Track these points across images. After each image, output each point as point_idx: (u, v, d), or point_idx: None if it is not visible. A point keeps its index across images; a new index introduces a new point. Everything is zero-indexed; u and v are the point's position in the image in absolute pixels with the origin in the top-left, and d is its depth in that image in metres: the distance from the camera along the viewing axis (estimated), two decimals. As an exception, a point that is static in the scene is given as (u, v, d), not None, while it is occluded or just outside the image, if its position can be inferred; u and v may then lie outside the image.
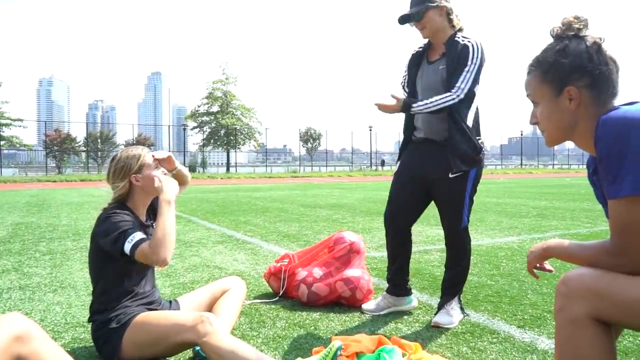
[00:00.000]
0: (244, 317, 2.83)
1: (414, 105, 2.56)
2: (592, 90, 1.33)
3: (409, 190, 2.79)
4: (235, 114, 43.87)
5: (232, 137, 43.49)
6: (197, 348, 2.20)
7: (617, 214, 1.23)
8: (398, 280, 2.91)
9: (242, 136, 44.52)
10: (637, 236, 1.21)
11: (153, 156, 2.31)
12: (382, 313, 2.86)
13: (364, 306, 2.93)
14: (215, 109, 43.94)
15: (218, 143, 44.33)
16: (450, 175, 2.61)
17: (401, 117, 2.84)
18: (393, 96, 2.58)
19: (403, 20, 2.69)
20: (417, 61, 2.82)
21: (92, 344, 2.26)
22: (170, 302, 2.43)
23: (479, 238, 5.69)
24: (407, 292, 2.92)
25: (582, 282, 1.26)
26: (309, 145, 49.32)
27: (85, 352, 2.35)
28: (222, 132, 43.45)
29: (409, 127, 2.84)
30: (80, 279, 3.79)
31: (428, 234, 5.99)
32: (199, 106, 44.59)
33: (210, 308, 2.43)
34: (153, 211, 2.43)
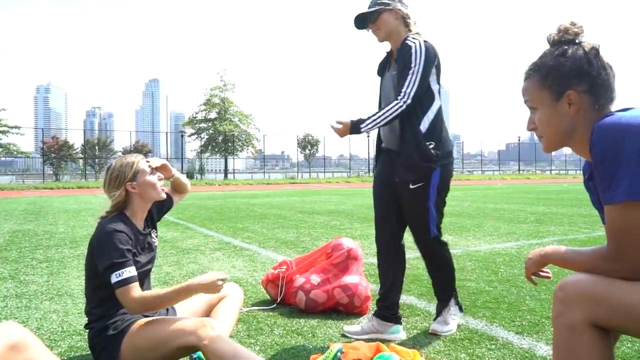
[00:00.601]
0: (241, 324, 2.82)
1: (362, 125, 2.43)
2: (591, 95, 1.33)
3: (386, 199, 2.68)
4: (233, 121, 43.89)
5: (230, 144, 43.48)
6: (195, 356, 2.19)
7: (613, 219, 1.23)
8: (386, 301, 2.65)
9: (240, 143, 44.51)
10: (633, 241, 1.21)
11: (148, 162, 2.30)
12: (363, 337, 2.58)
13: (346, 328, 2.70)
14: (213, 115, 43.95)
15: (216, 150, 44.33)
16: (411, 186, 2.50)
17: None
18: (338, 121, 2.47)
19: (359, 23, 2.60)
20: (382, 69, 2.75)
21: (89, 352, 2.24)
22: (167, 309, 2.42)
23: (477, 244, 5.68)
24: (395, 320, 2.64)
25: (579, 288, 1.26)
26: (307, 151, 49.34)
27: (82, 360, 2.33)
28: (220, 138, 43.45)
29: (378, 136, 2.76)
30: (77, 287, 3.77)
31: (426, 240, 5.98)
32: (196, 113, 44.60)
33: (207, 315, 2.42)
34: (151, 219, 2.42)
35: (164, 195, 2.35)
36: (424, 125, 2.48)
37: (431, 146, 2.48)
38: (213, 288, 2.07)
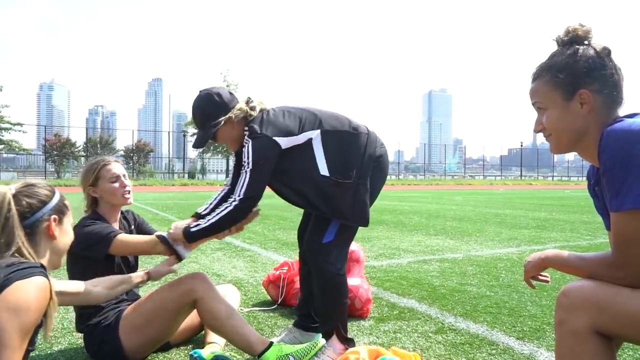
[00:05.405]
0: (242, 325, 2.81)
1: (193, 228, 2.16)
2: (602, 95, 1.31)
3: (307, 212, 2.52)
4: (236, 121, 43.98)
5: (232, 144, 43.60)
6: (196, 355, 2.18)
7: (619, 226, 1.22)
8: (304, 310, 2.53)
9: (242, 143, 44.60)
10: (638, 249, 1.20)
11: (112, 168, 2.34)
12: None
13: None
14: (215, 115, 44.05)
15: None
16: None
17: (399, 124, 2.68)
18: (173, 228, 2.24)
19: (199, 144, 2.31)
20: None
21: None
22: None
23: (479, 249, 5.68)
24: (315, 329, 2.49)
25: (583, 294, 1.25)
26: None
27: (82, 356, 2.34)
28: (222, 139, 43.56)
29: None
30: (78, 284, 3.77)
31: (427, 244, 5.97)
32: (199, 113, 44.72)
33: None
34: (127, 222, 2.46)
35: (129, 201, 2.37)
36: (324, 168, 2.23)
37: (336, 178, 2.22)
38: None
